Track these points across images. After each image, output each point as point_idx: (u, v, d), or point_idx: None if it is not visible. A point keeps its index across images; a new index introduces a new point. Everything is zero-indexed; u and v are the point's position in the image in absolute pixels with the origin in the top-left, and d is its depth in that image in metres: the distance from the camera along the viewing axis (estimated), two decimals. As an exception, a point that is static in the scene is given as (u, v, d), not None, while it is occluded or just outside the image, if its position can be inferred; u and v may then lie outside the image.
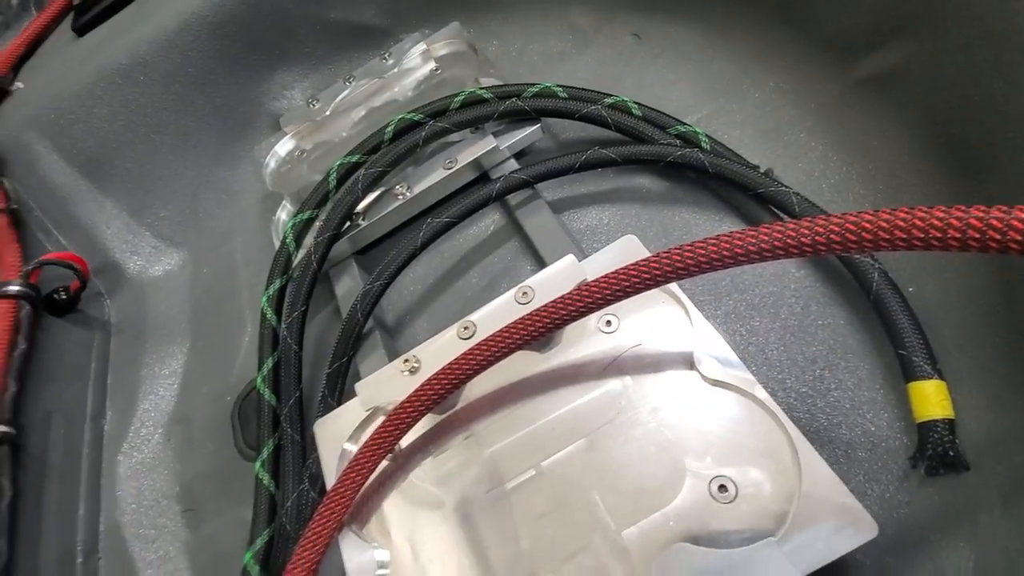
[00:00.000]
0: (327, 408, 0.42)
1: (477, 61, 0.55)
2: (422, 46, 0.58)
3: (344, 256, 0.50)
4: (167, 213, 0.64)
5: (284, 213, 0.54)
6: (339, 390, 0.43)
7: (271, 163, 0.59)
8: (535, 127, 0.47)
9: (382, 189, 0.48)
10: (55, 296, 0.53)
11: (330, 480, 0.37)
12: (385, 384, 0.38)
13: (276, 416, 0.44)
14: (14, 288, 0.49)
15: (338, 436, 0.38)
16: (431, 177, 0.47)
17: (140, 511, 0.48)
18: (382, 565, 0.33)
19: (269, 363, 0.45)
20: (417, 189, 0.47)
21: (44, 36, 0.69)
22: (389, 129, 0.48)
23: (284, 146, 0.59)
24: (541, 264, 0.44)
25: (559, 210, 0.46)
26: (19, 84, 0.63)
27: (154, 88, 0.59)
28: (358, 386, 0.39)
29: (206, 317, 0.59)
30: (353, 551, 0.33)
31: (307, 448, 0.43)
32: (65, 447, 0.48)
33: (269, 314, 0.46)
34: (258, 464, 0.43)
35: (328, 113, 0.58)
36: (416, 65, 0.58)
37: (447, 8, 0.62)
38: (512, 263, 0.46)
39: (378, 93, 0.58)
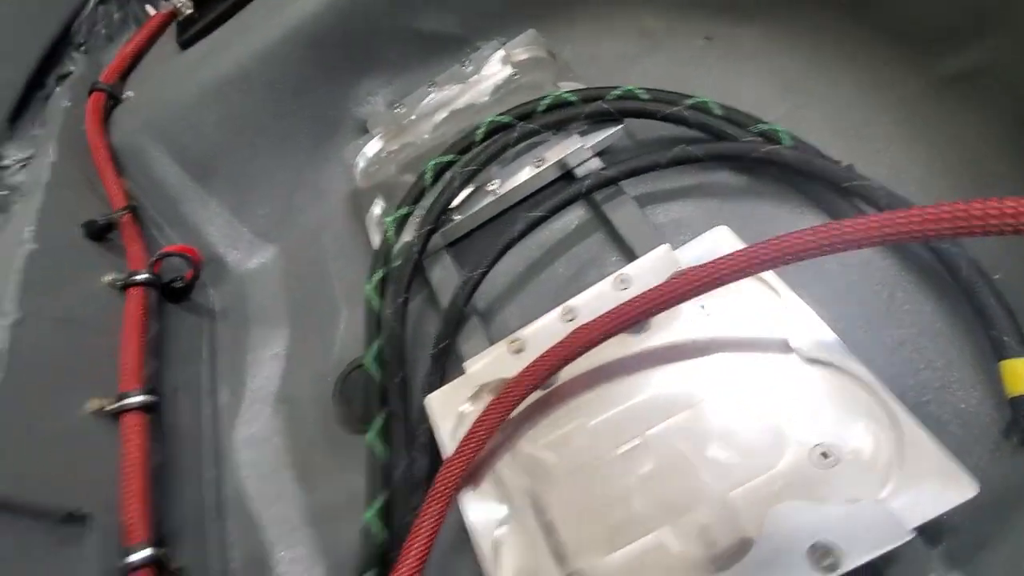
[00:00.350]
0: (432, 385, 0.46)
1: (555, 66, 0.59)
2: (501, 52, 0.62)
3: (437, 248, 0.54)
4: (264, 211, 0.69)
5: (378, 208, 0.59)
6: (442, 369, 0.47)
7: (360, 163, 0.63)
8: (618, 128, 0.51)
9: (474, 186, 0.52)
10: (173, 285, 0.59)
11: (446, 447, 0.41)
12: (493, 363, 0.42)
13: (383, 392, 0.49)
14: (143, 277, 0.55)
15: (450, 408, 0.42)
16: (520, 175, 0.51)
17: (257, 478, 0.53)
18: (502, 522, 0.37)
19: (376, 345, 0.49)
20: (508, 186, 0.51)
21: (146, 49, 0.76)
22: (480, 131, 0.52)
23: (372, 147, 0.63)
24: (628, 255, 0.47)
25: (643, 204, 0.49)
26: (129, 93, 0.69)
27: (255, 96, 0.64)
28: (467, 364, 0.43)
29: (301, 306, 0.64)
30: (474, 507, 0.37)
31: (411, 421, 0.48)
32: (191, 419, 0.54)
33: (375, 301, 0.50)
34: (371, 435, 0.47)
35: (413, 117, 0.63)
36: (495, 71, 0.62)
37: (522, 17, 0.66)
38: (598, 254, 0.49)
39: (459, 97, 0.62)
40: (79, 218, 0.55)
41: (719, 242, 0.40)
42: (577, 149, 0.50)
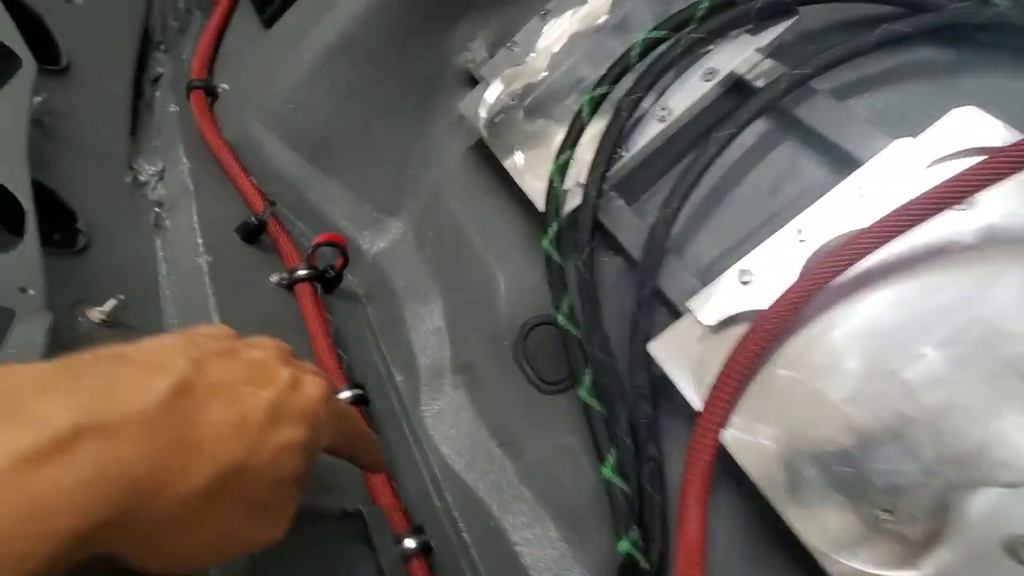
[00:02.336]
0: (639, 332, 0.44)
1: (690, -36, 0.53)
2: (623, -36, 0.56)
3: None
4: (383, 185, 0.67)
5: (519, 159, 0.56)
6: (648, 314, 0.45)
7: (482, 114, 0.59)
8: (792, 19, 0.45)
9: (637, 116, 0.48)
10: (326, 275, 0.58)
11: (688, 392, 0.40)
12: (723, 296, 0.40)
13: (582, 347, 0.47)
14: (305, 272, 0.54)
15: (683, 353, 0.41)
16: (690, 93, 0.47)
17: (460, 451, 0.54)
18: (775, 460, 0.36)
19: (567, 300, 0.48)
20: (679, 109, 0.47)
21: (221, 35, 0.72)
22: (635, 52, 0.48)
23: (492, 94, 0.59)
24: (840, 160, 0.43)
25: (840, 99, 0.44)
26: (224, 86, 0.66)
27: (361, 62, 0.60)
28: (692, 302, 0.41)
29: (449, 275, 0.62)
30: (744, 448, 0.36)
31: (619, 372, 0.47)
32: (384, 405, 0.54)
33: (555, 255, 0.48)
34: (583, 391, 0.46)
35: (533, 54, 0.58)
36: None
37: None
38: (792, 165, 0.46)
39: (580, 21, 0.57)
40: (230, 222, 0.54)
41: (970, 126, 0.36)
42: (751, 53, 0.45)
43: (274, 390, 0.25)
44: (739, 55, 0.46)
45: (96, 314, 0.40)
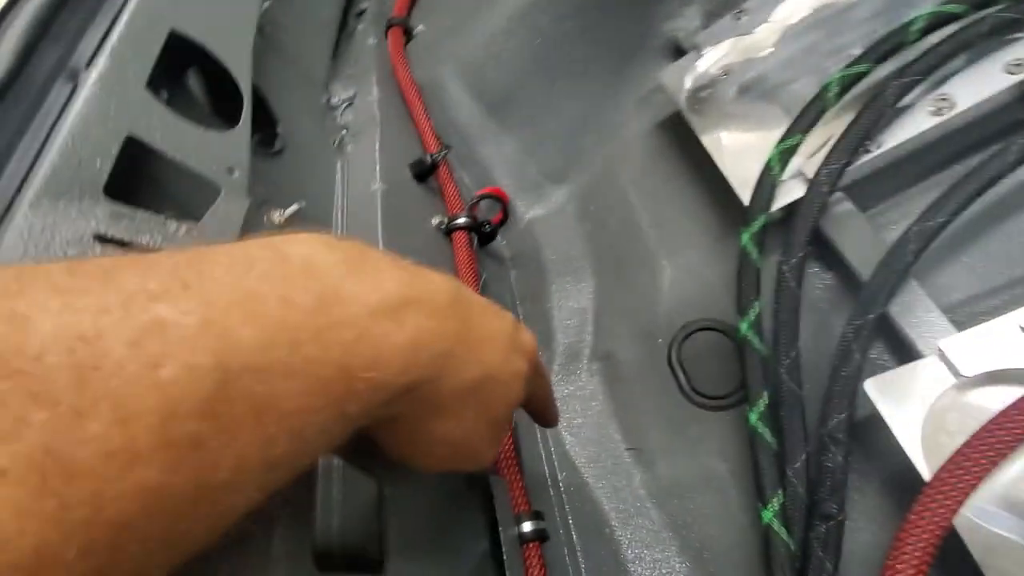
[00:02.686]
0: (851, 364, 0.36)
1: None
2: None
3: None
4: (555, 150, 0.63)
5: (726, 139, 0.49)
6: (864, 345, 0.36)
7: (687, 83, 0.53)
8: None
9: (903, 103, 0.39)
10: (483, 228, 0.56)
11: (913, 451, 0.32)
12: (994, 346, 0.30)
13: (764, 364, 0.40)
14: (464, 220, 0.52)
15: (912, 400, 0.32)
16: (984, 85, 0.37)
17: (584, 443, 0.49)
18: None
19: (756, 308, 0.40)
20: (965, 102, 0.37)
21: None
22: (915, 28, 0.39)
23: (704, 63, 0.52)
24: None
25: None
26: (421, 27, 0.66)
27: (561, 19, 0.57)
28: (947, 343, 0.32)
29: (606, 256, 0.57)
30: (982, 538, 0.27)
31: (800, 405, 0.39)
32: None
33: (754, 254, 0.41)
34: (754, 416, 0.39)
35: (763, 25, 0.50)
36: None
37: None
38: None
39: (831, -8, 0.48)
40: (405, 158, 0.53)
41: None
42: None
43: (511, 323, 0.27)
44: (1068, 45, 0.35)
45: (277, 216, 0.40)
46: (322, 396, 0.17)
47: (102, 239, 0.21)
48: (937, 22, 0.38)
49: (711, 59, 0.52)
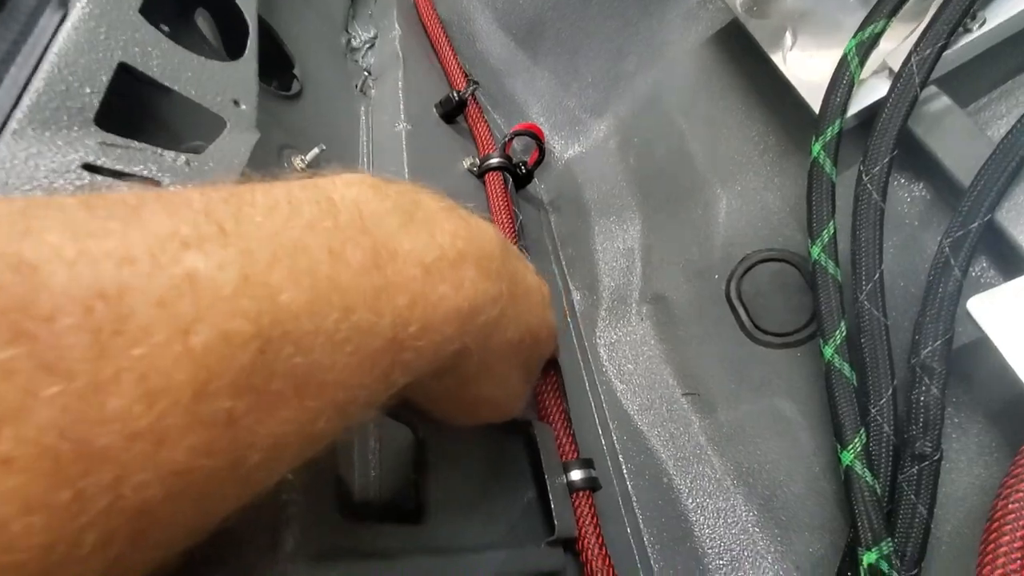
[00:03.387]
0: (950, 282, 0.31)
1: None
2: None
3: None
4: (592, 79, 0.58)
5: (787, 41, 0.42)
6: (966, 261, 0.31)
7: (740, -13, 0.47)
8: None
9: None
10: (518, 170, 0.52)
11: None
12: None
13: (840, 291, 0.35)
14: (497, 161, 0.49)
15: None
16: None
17: (636, 390, 0.46)
18: None
19: (830, 228, 0.35)
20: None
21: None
22: None
23: (760, -39, 0.46)
24: None
25: None
26: (442, -41, 0.62)
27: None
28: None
29: (652, 188, 0.53)
30: None
31: (887, 335, 0.34)
32: (561, 321, 0.48)
33: (827, 166, 0.36)
34: (829, 350, 0.34)
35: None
36: None
37: None
38: None
39: None
40: (431, 97, 0.50)
41: None
42: None
43: (538, 276, 0.26)
44: None
45: (298, 161, 0.38)
46: (369, 369, 0.15)
47: (91, 168, 0.20)
48: None
49: (769, -50, 0.45)
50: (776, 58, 0.42)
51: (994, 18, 0.33)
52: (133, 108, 0.26)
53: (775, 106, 0.46)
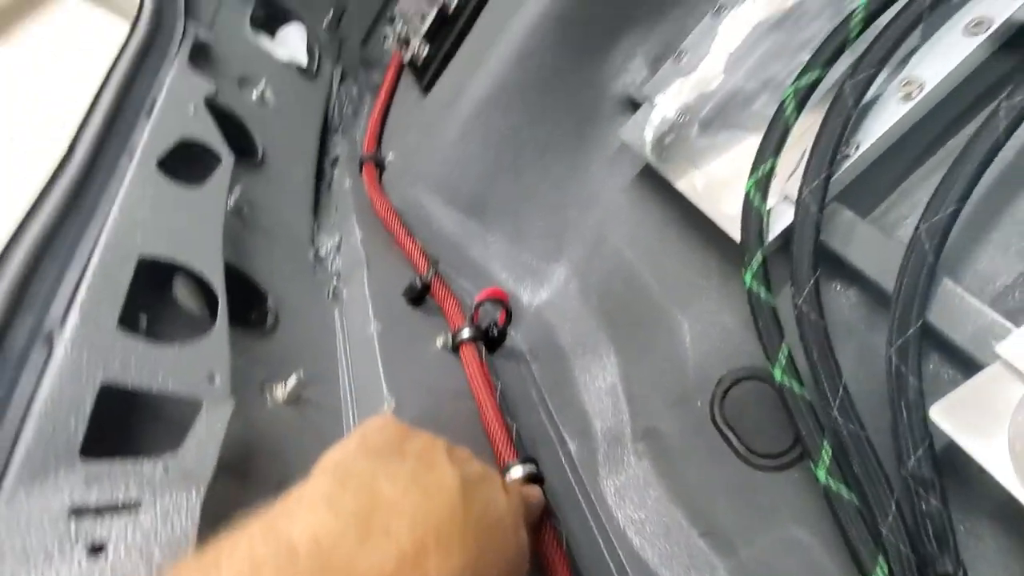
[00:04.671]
0: (909, 391, 0.32)
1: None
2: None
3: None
4: (540, 231, 0.63)
5: (699, 181, 0.47)
6: (917, 363, 0.32)
7: (648, 136, 0.52)
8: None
9: (866, 100, 0.37)
10: (489, 334, 0.55)
11: (1011, 483, 0.27)
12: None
13: (814, 410, 0.36)
14: (469, 332, 0.51)
15: (991, 420, 0.28)
16: (949, 56, 0.34)
17: (652, 540, 0.45)
18: None
19: (784, 350, 0.37)
20: (933, 79, 0.34)
21: (387, 110, 0.77)
22: (855, 22, 0.37)
23: (659, 114, 0.52)
24: None
25: None
26: (391, 155, 0.70)
27: (512, 109, 0.58)
28: (1005, 347, 0.27)
29: (618, 321, 0.55)
30: None
31: (871, 443, 0.34)
32: (560, 480, 0.48)
33: (763, 293, 0.38)
34: (821, 473, 0.34)
35: (705, 57, 0.50)
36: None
37: None
38: None
39: (762, 10, 0.47)
40: (398, 286, 0.54)
41: None
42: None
43: (506, 493, 0.28)
44: (1020, -6, 0.32)
45: (280, 392, 0.41)
46: None
47: (78, 512, 0.21)
48: (877, 8, 0.36)
49: (665, 105, 0.51)
50: (691, 196, 0.47)
51: (867, 141, 0.37)
52: (112, 420, 0.29)
53: (708, 233, 0.50)
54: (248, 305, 0.46)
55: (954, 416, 0.29)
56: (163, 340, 0.37)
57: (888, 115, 0.35)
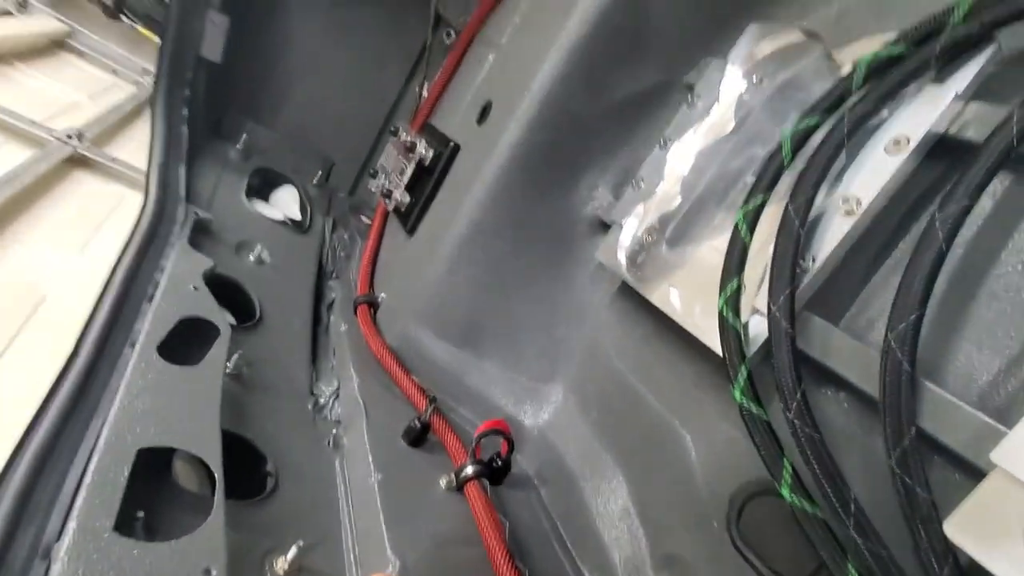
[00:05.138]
0: (921, 505, 0.31)
1: (820, 44, 0.46)
2: (734, 68, 0.51)
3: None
4: (533, 353, 0.64)
5: (675, 298, 0.49)
6: (921, 472, 0.32)
7: (622, 258, 0.55)
8: (991, 48, 0.35)
9: (812, 218, 0.40)
10: (493, 465, 0.54)
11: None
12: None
13: (829, 527, 0.34)
14: (473, 469, 0.51)
15: (1003, 529, 0.27)
16: (878, 173, 0.37)
17: None
18: None
19: (787, 467, 0.36)
20: (868, 195, 0.37)
21: (377, 253, 0.81)
22: (786, 149, 0.41)
23: (627, 235, 0.55)
24: None
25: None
26: (382, 295, 0.73)
27: (492, 243, 0.62)
28: (999, 454, 0.27)
29: (622, 437, 0.54)
30: None
31: (890, 554, 0.32)
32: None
33: (754, 408, 0.38)
34: (852, 601, 0.32)
35: (660, 183, 0.54)
36: (736, 89, 0.51)
37: (726, 23, 0.56)
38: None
39: (705, 135, 0.52)
40: (398, 429, 0.54)
41: None
42: (949, 102, 0.35)
43: None
44: (932, 111, 0.36)
45: (281, 565, 0.39)
46: None
47: None
48: (802, 138, 0.40)
49: (632, 228, 0.55)
50: (668, 311, 0.48)
51: (822, 254, 0.39)
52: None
53: (693, 343, 0.51)
54: (250, 469, 0.46)
55: (970, 531, 0.28)
56: (163, 524, 0.37)
57: (835, 230, 0.38)
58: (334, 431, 0.55)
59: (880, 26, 0.44)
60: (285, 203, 0.81)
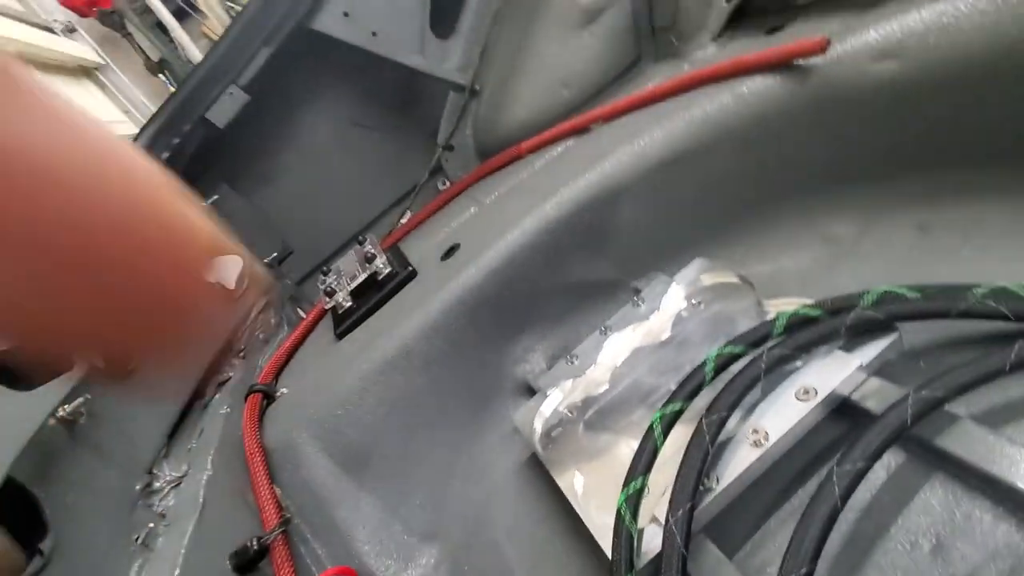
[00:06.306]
0: None
1: (752, 290, 0.52)
2: (679, 285, 0.56)
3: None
4: (419, 502, 0.58)
5: (578, 484, 0.46)
6: None
7: (538, 427, 0.53)
8: (893, 336, 0.40)
9: (722, 439, 0.40)
10: (327, 626, 0.44)
11: None
12: None
13: None
14: (296, 625, 0.41)
15: None
16: (787, 414, 0.39)
17: None
18: None
19: None
20: (776, 432, 0.38)
21: (298, 347, 0.76)
22: (709, 368, 0.43)
23: (550, 406, 0.54)
24: (1014, 505, 0.31)
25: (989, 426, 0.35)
26: (283, 390, 0.67)
27: (415, 374, 0.59)
28: None
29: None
30: None
31: None
32: None
33: (633, 631, 0.34)
34: None
35: (592, 367, 0.55)
36: (675, 305, 0.56)
37: (679, 248, 0.63)
38: (953, 512, 0.33)
39: (643, 336, 0.55)
40: (230, 543, 0.45)
41: None
42: (854, 371, 0.39)
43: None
44: (839, 373, 0.39)
45: None
46: None
47: None
48: (725, 362, 0.43)
49: (555, 400, 0.54)
50: (570, 496, 0.46)
51: (726, 478, 0.38)
52: None
53: (586, 536, 0.47)
54: (22, 538, 0.36)
55: None
56: None
57: (742, 457, 0.38)
58: (151, 525, 0.45)
59: (804, 293, 0.50)
60: (226, 268, 0.78)
